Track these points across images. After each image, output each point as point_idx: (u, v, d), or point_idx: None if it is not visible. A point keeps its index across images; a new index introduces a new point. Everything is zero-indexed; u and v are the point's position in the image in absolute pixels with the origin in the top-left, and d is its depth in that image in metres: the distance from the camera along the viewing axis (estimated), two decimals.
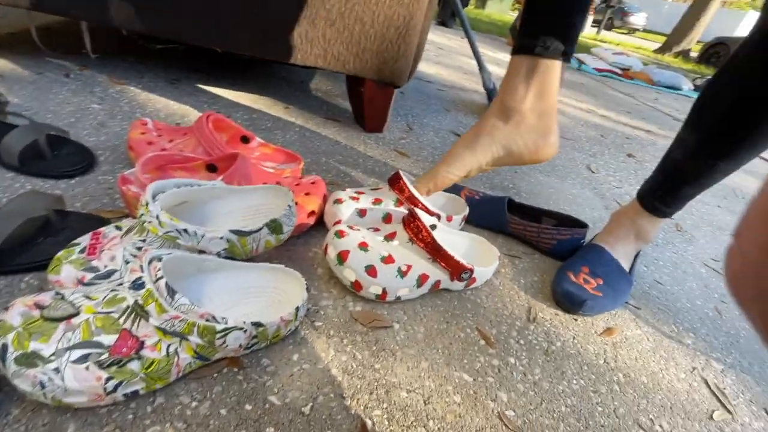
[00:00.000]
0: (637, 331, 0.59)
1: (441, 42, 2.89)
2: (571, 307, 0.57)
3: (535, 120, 0.56)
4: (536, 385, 0.46)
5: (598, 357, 0.52)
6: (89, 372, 0.31)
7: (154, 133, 0.66)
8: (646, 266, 0.77)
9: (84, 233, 0.44)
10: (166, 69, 1.08)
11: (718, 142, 0.55)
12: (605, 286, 0.59)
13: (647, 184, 0.66)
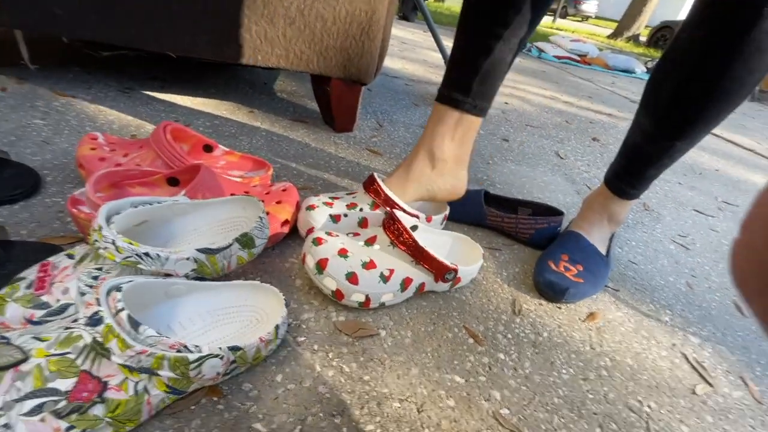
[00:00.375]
0: (618, 314, 0.60)
1: (404, 36, 2.88)
2: (554, 296, 0.57)
3: (454, 166, 0.62)
4: (527, 379, 0.45)
5: (584, 344, 0.53)
6: (45, 424, 0.28)
7: (106, 147, 0.61)
8: (620, 247, 0.79)
9: (33, 264, 0.40)
10: (117, 78, 1.01)
11: (672, 124, 0.56)
12: (585, 272, 0.60)
13: (612, 169, 0.68)
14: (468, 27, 0.56)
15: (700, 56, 0.50)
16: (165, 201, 0.45)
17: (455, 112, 0.58)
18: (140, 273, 0.38)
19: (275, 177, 0.74)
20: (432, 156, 0.60)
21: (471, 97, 0.57)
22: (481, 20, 0.54)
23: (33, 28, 0.73)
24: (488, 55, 0.55)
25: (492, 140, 1.21)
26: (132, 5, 0.74)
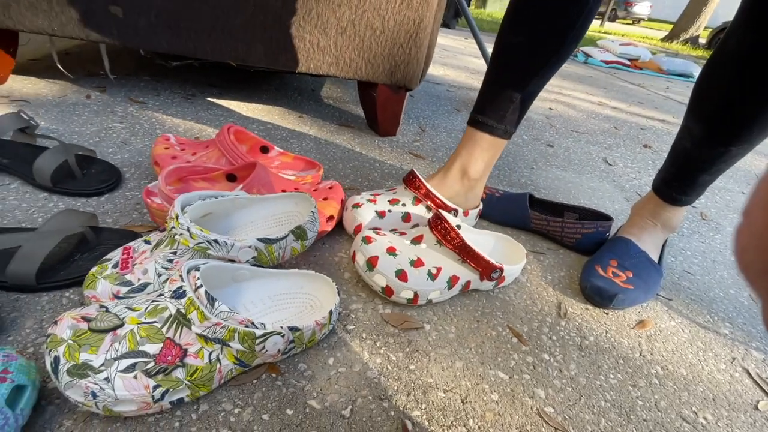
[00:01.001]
0: (671, 323, 0.58)
1: (445, 43, 2.89)
2: (602, 301, 0.56)
3: (479, 185, 0.66)
4: (573, 380, 0.45)
5: (633, 350, 0.51)
6: (138, 381, 0.32)
7: (177, 147, 0.67)
8: (674, 257, 0.75)
9: (117, 248, 0.46)
10: (181, 85, 1.11)
11: (724, 129, 0.54)
12: (635, 278, 0.58)
13: (660, 176, 0.65)
14: (505, 64, 0.59)
15: (750, 59, 0.48)
16: (227, 195, 0.49)
17: (489, 137, 0.62)
18: (208, 257, 0.42)
19: (323, 177, 0.78)
20: (465, 173, 0.64)
21: (504, 124, 0.61)
22: (519, 60, 0.57)
23: (119, 43, 0.82)
24: (523, 90, 0.58)
25: (536, 145, 1.19)
26: (199, 20, 0.82)
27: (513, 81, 0.58)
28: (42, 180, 0.58)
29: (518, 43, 0.56)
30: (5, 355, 0.31)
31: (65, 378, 0.31)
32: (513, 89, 0.58)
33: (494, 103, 0.60)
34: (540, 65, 0.56)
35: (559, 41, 0.54)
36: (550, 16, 0.53)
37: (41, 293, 0.43)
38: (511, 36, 0.57)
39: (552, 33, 0.54)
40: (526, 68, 0.57)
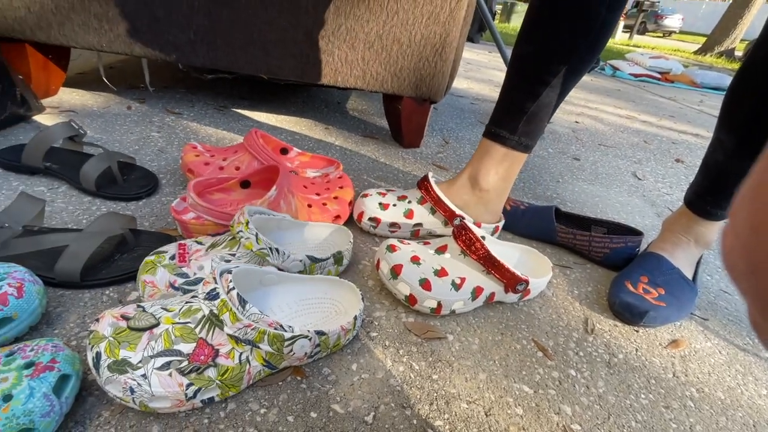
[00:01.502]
0: (707, 344, 0.55)
1: (469, 57, 2.91)
2: (632, 318, 0.54)
3: (495, 198, 0.65)
4: (601, 398, 0.44)
5: (665, 371, 0.49)
6: (172, 378, 0.33)
7: (207, 154, 0.70)
8: (709, 275, 0.72)
9: (154, 249, 0.48)
10: (214, 98, 1.16)
11: (755, 139, 0.52)
12: (668, 295, 0.56)
13: (693, 189, 0.63)
14: (517, 73, 0.59)
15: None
16: (276, 215, 0.52)
17: (501, 147, 0.62)
18: (265, 264, 0.44)
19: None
20: (476, 183, 0.64)
21: (517, 135, 0.61)
22: (530, 68, 0.57)
23: (161, 57, 0.87)
24: (535, 100, 0.58)
25: (562, 159, 1.18)
26: (234, 37, 0.86)
27: (525, 91, 0.58)
28: (87, 185, 0.61)
29: (529, 53, 0.57)
30: (54, 346, 0.33)
31: (106, 373, 0.32)
32: (525, 99, 0.58)
33: (508, 114, 0.61)
34: (551, 75, 0.56)
35: (571, 52, 0.54)
36: (561, 27, 0.53)
37: (84, 290, 0.46)
38: (523, 46, 0.58)
39: (563, 43, 0.54)
40: (537, 78, 0.57)
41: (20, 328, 0.38)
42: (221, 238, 0.47)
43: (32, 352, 0.32)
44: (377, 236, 0.65)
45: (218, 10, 0.83)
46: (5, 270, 0.39)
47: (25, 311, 0.38)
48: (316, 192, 0.65)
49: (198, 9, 0.82)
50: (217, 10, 0.83)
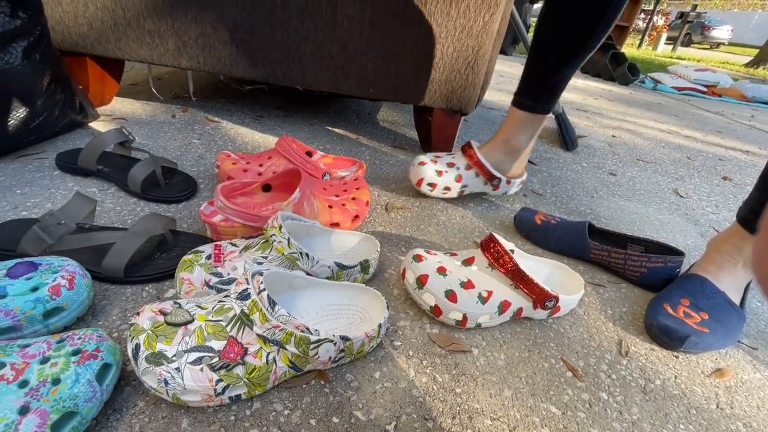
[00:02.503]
0: (756, 375, 0.51)
1: (502, 69, 2.89)
2: (671, 342, 0.51)
3: (522, 155, 0.81)
4: (635, 425, 0.42)
5: (708, 401, 0.46)
6: (203, 373, 0.34)
7: (242, 161, 0.73)
8: (760, 302, 0.67)
9: (191, 250, 0.51)
10: (251, 108, 1.21)
11: None
12: (712, 321, 0.53)
13: (748, 205, 0.59)
14: (539, 53, 0.73)
15: None
16: (306, 221, 0.53)
17: (528, 114, 0.77)
18: (295, 268, 0.46)
19: (375, 197, 0.80)
20: (508, 143, 0.79)
21: (541, 103, 0.76)
22: (551, 50, 0.71)
23: (205, 70, 0.92)
24: (555, 75, 0.73)
25: (597, 173, 1.14)
26: (273, 50, 0.90)
27: (546, 69, 0.73)
28: (133, 187, 0.66)
29: (550, 36, 0.70)
30: (98, 336, 0.35)
31: (143, 364, 0.34)
32: (546, 76, 0.73)
33: (532, 87, 0.75)
34: (569, 55, 0.69)
35: (588, 34, 0.66)
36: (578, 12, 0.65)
37: (126, 285, 0.49)
38: (543, 28, 0.70)
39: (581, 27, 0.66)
40: (557, 59, 0.70)
41: (69, 318, 0.40)
42: (254, 241, 0.49)
43: (79, 340, 0.34)
44: (432, 198, 0.81)
45: (259, 25, 0.87)
46: (59, 263, 0.42)
47: (75, 302, 0.41)
48: (335, 193, 0.67)
49: (241, 24, 0.87)
50: (258, 25, 0.87)
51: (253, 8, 0.85)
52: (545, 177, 1.05)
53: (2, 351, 0.31)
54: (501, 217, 0.80)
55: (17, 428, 0.28)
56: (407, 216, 0.75)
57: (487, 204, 0.84)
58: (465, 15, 0.83)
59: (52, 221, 0.47)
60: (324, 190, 0.67)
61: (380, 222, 0.71)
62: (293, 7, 0.85)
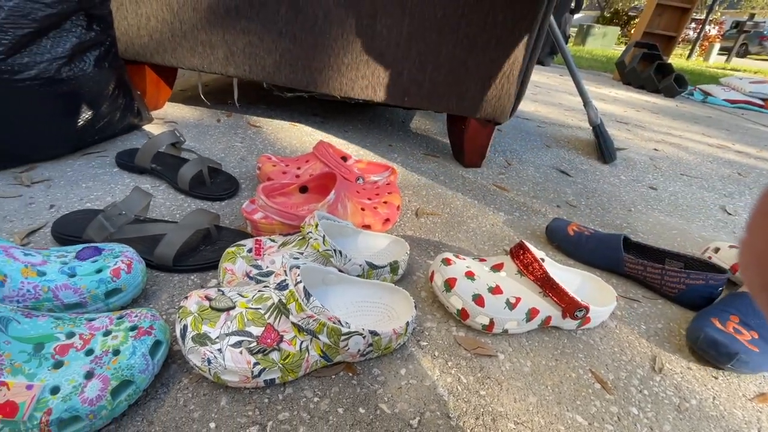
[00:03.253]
0: None
1: (538, 80, 2.85)
2: (718, 358, 0.49)
3: None
4: None
5: (749, 426, 0.44)
6: (242, 356, 0.37)
7: (282, 164, 0.77)
8: None
9: (233, 244, 0.54)
10: (290, 114, 1.27)
11: None
12: (762, 341, 0.50)
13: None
14: None
15: None
16: (340, 222, 0.56)
17: None
18: (328, 264, 0.48)
19: (407, 200, 0.82)
20: None
21: None
22: None
23: (250, 77, 0.98)
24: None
25: (635, 187, 1.10)
26: (314, 60, 0.94)
27: None
28: (182, 185, 0.71)
29: None
30: (152, 315, 0.39)
31: (190, 343, 0.37)
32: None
33: None
34: None
35: None
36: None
37: (174, 274, 0.53)
38: None
39: None
40: None
41: (126, 299, 0.45)
42: (292, 238, 0.52)
43: (136, 318, 0.38)
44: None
45: (302, 36, 0.92)
46: (120, 249, 0.46)
47: (131, 285, 0.45)
48: (368, 197, 0.70)
49: (285, 35, 0.92)
50: (301, 36, 0.92)
51: (297, 20, 0.90)
52: (580, 189, 1.03)
53: (72, 322, 0.35)
54: (532, 227, 0.79)
55: (83, 390, 0.31)
56: (437, 222, 0.76)
57: (518, 213, 0.84)
58: (501, 26, 0.84)
59: (114, 212, 0.52)
60: (357, 193, 0.69)
61: (410, 226, 0.73)
62: (335, 19, 0.89)
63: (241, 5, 0.90)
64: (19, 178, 0.69)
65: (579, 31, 7.77)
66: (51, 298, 0.40)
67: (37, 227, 0.57)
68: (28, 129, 0.70)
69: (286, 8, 0.89)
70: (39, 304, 0.39)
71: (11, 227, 0.56)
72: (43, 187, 0.68)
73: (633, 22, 12.27)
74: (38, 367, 0.31)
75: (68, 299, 0.41)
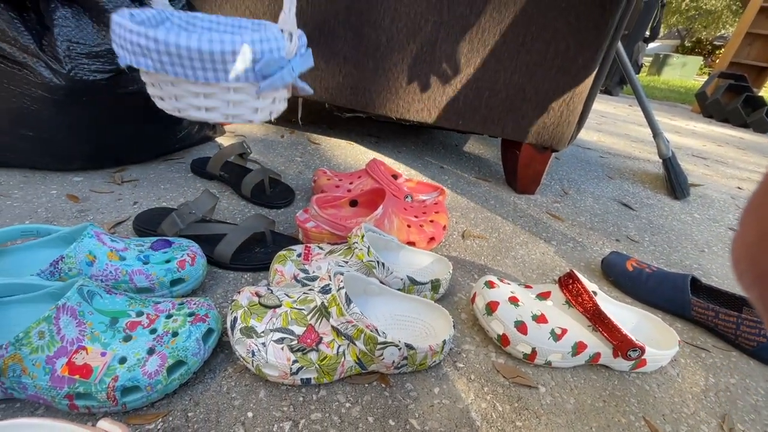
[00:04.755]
0: None
1: (604, 110, 2.72)
2: None
3: None
4: None
5: None
6: (283, 352, 0.39)
7: (335, 178, 0.81)
8: None
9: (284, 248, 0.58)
10: (347, 133, 1.33)
11: None
12: None
13: None
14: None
15: None
16: (385, 236, 0.58)
17: None
18: (371, 275, 0.50)
19: (454, 222, 0.82)
20: None
21: None
22: None
23: (315, 98, 1.06)
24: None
25: (711, 226, 1.00)
26: (374, 82, 0.99)
27: None
28: (245, 192, 0.77)
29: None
30: (208, 305, 0.42)
31: (238, 334, 0.40)
32: None
33: None
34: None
35: None
36: None
37: (229, 271, 0.57)
38: None
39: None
40: None
41: (187, 289, 0.49)
42: (338, 247, 0.54)
43: (195, 305, 0.41)
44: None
45: (364, 60, 0.97)
46: (186, 244, 0.52)
47: (193, 276, 0.49)
48: (415, 215, 0.70)
49: (348, 59, 0.98)
50: (364, 60, 0.97)
51: (361, 46, 0.96)
52: (644, 224, 0.96)
53: (142, 303, 0.40)
54: (586, 259, 0.75)
55: (145, 364, 0.35)
56: (484, 245, 0.75)
57: (572, 244, 0.80)
58: (563, 54, 0.83)
59: (185, 211, 0.58)
60: (404, 210, 0.71)
61: (455, 247, 0.73)
62: (396, 45, 0.93)
63: (311, 33, 0.98)
64: (113, 178, 0.79)
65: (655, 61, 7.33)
66: (127, 280, 0.45)
67: (122, 219, 0.65)
68: (125, 136, 0.81)
69: (352, 35, 0.95)
70: (117, 284, 0.44)
71: (102, 218, 0.65)
72: (131, 186, 0.77)
73: (718, 52, 11.38)
74: (112, 338, 0.35)
75: (140, 283, 0.46)
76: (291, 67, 0.44)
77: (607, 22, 0.78)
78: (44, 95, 0.68)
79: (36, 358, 0.32)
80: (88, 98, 0.71)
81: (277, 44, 0.42)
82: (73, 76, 0.68)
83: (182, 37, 0.37)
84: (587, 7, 0.78)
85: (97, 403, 0.34)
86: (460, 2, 0.86)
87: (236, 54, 0.39)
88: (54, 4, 0.67)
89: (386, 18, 0.91)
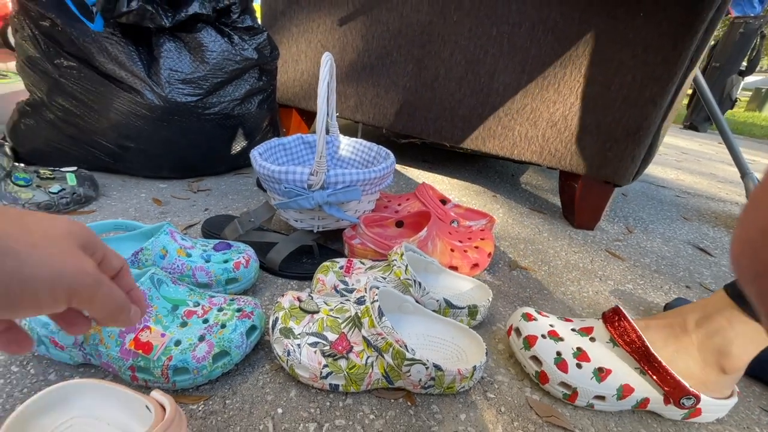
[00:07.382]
0: None
1: (687, 146, 2.51)
2: None
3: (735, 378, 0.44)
4: None
5: None
6: (316, 356, 0.41)
7: (385, 199, 0.84)
8: None
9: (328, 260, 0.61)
10: (402, 158, 1.37)
11: None
12: None
13: None
14: None
15: None
16: (427, 258, 0.59)
17: None
18: (407, 293, 0.51)
19: (500, 250, 0.80)
20: (719, 358, 0.42)
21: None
22: None
23: (374, 124, 1.12)
24: None
25: None
26: (430, 110, 1.02)
27: None
28: None
29: None
30: (255, 304, 0.46)
31: (277, 334, 0.43)
32: None
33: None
34: None
35: None
36: None
37: (278, 277, 0.61)
38: None
39: None
40: None
41: (240, 288, 0.54)
42: (379, 264, 0.56)
43: (243, 303, 0.46)
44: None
45: (422, 90, 1.02)
46: (243, 248, 0.57)
47: (246, 278, 0.54)
48: (460, 239, 0.70)
49: (408, 89, 1.03)
50: (421, 90, 1.02)
51: (420, 76, 1.01)
52: (723, 272, 0.86)
53: (200, 295, 0.45)
54: (647, 303, 0.69)
55: (195, 349, 0.39)
56: (531, 278, 0.72)
57: (632, 285, 0.74)
58: (629, 86, 0.80)
59: (246, 218, 0.64)
60: (449, 234, 0.71)
61: (501, 276, 0.71)
62: (454, 76, 0.97)
63: (375, 63, 1.04)
64: (190, 186, 0.89)
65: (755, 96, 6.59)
66: (190, 274, 0.51)
67: (194, 223, 0.73)
68: (205, 150, 0.92)
69: (413, 65, 1.00)
70: (182, 277, 0.50)
71: (178, 220, 0.74)
72: (204, 194, 0.87)
73: None
74: (171, 322, 0.40)
75: (201, 279, 0.51)
76: (311, 197, 0.59)
77: (679, 55, 0.75)
78: (146, 114, 0.80)
79: (112, 330, 0.38)
80: (178, 117, 0.83)
81: (302, 177, 0.58)
82: (170, 98, 0.80)
83: None
84: (656, 39, 0.75)
85: (153, 378, 0.38)
86: (521, 35, 0.87)
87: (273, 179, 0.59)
88: (162, 39, 0.81)
89: (446, 50, 0.95)
